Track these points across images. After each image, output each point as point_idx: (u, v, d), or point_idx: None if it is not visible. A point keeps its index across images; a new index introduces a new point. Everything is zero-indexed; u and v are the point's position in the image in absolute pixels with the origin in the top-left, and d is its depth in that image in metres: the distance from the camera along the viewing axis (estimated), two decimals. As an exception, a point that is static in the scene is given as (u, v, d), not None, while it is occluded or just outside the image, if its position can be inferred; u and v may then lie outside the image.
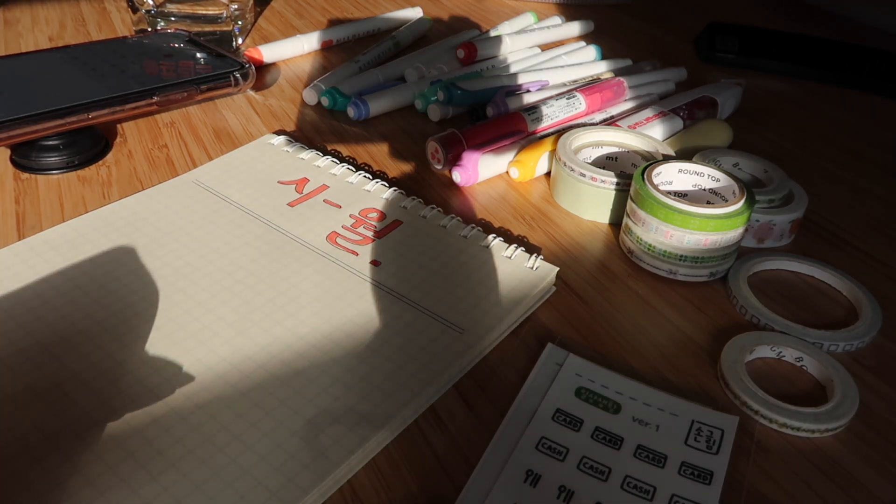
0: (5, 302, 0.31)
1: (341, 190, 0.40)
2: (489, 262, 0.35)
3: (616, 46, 0.63)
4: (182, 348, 0.30)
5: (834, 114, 0.55)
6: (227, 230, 0.36)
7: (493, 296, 0.33)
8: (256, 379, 0.28)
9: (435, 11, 0.69)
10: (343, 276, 0.34)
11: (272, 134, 0.46)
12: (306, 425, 0.27)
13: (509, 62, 0.56)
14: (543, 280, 0.34)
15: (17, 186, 0.40)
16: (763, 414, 0.29)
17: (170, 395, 0.27)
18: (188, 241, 0.35)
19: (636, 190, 0.36)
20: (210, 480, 0.25)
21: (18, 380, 0.28)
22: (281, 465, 0.25)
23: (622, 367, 0.31)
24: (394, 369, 0.29)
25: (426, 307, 0.32)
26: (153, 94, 0.45)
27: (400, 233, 0.37)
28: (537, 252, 0.37)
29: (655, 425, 0.28)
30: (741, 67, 0.61)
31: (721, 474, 0.26)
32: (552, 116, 0.46)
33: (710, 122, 0.47)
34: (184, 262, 0.34)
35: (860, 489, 0.27)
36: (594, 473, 0.26)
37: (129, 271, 0.33)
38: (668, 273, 0.36)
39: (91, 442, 0.26)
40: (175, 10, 0.57)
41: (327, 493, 0.25)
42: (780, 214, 0.38)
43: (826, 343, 0.32)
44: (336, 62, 0.57)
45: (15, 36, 0.58)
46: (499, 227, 0.39)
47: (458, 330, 0.31)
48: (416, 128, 0.49)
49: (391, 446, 0.27)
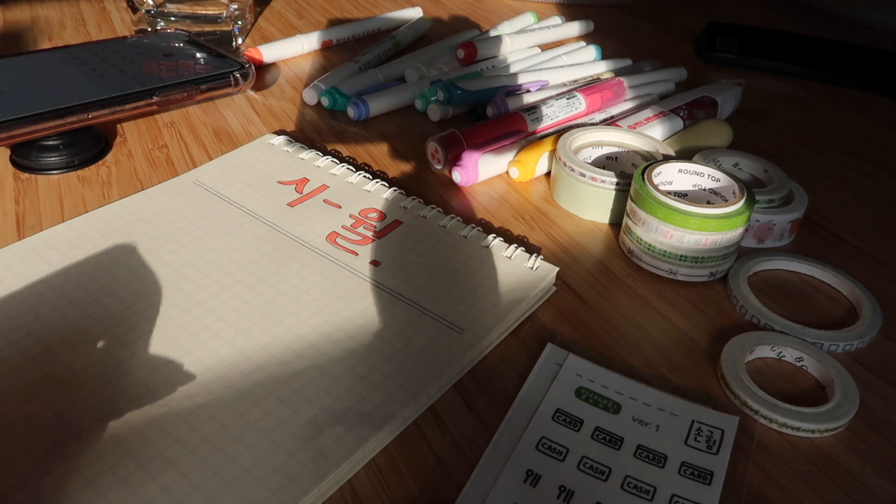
0: (5, 302, 0.31)
1: (341, 190, 0.40)
2: (489, 262, 0.35)
3: (616, 46, 0.63)
4: (182, 348, 0.30)
5: (834, 114, 0.55)
6: (227, 230, 0.36)
7: (492, 296, 0.33)
8: (256, 379, 0.28)
9: (435, 11, 0.69)
10: (343, 276, 0.34)
11: (272, 134, 0.46)
12: (306, 425, 0.27)
13: (509, 62, 0.56)
14: (543, 280, 0.34)
15: (17, 186, 0.40)
16: (763, 414, 0.29)
17: (170, 395, 0.27)
18: (188, 241, 0.35)
19: (636, 190, 0.36)
20: (210, 480, 0.25)
21: (18, 380, 0.28)
22: (281, 465, 0.25)
23: (622, 367, 0.31)
24: (394, 369, 0.29)
25: (426, 307, 0.32)
26: (153, 94, 0.45)
27: (400, 233, 0.37)
28: (537, 252, 0.37)
29: (655, 425, 0.28)
30: (741, 67, 0.61)
31: (721, 474, 0.26)
32: (552, 116, 0.46)
33: (710, 122, 0.47)
34: (184, 262, 0.34)
35: (860, 489, 0.27)
36: (594, 473, 0.26)
37: (129, 271, 0.33)
38: (668, 273, 0.36)
39: (91, 442, 0.26)
40: (175, 10, 0.57)
41: (327, 494, 0.25)
42: (780, 214, 0.38)
43: (826, 343, 0.32)
44: (336, 62, 0.57)
45: (15, 36, 0.58)
46: (499, 227, 0.39)
47: (458, 330, 0.31)
48: (416, 128, 0.49)
49: (391, 446, 0.27)
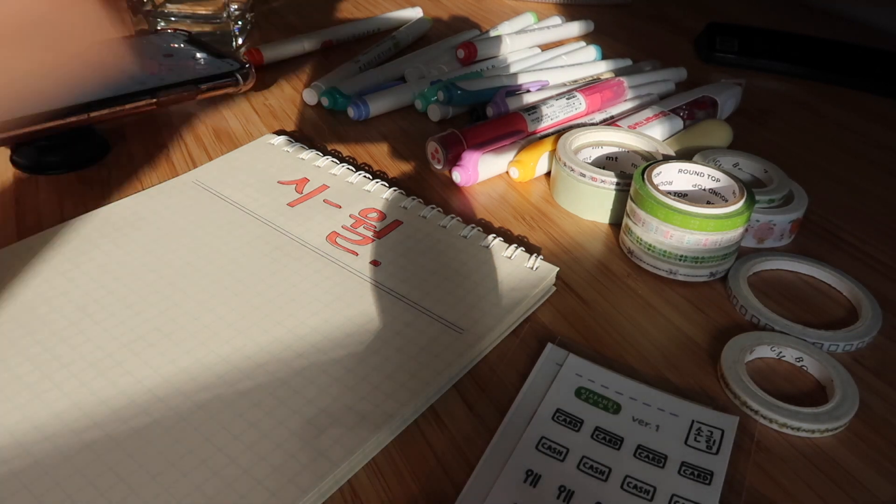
0: (6, 302, 0.31)
1: (341, 190, 0.40)
2: (489, 262, 0.35)
3: (616, 46, 0.63)
4: (182, 348, 0.30)
5: (834, 114, 0.55)
6: (227, 230, 0.36)
7: (492, 296, 0.33)
8: (256, 379, 0.28)
9: (435, 11, 0.69)
10: (343, 276, 0.34)
11: (272, 134, 0.46)
12: (306, 425, 0.27)
13: (509, 62, 0.56)
14: (543, 280, 0.34)
15: (17, 186, 0.40)
16: (763, 414, 0.29)
17: (170, 395, 0.27)
18: (188, 241, 0.35)
19: (636, 190, 0.36)
20: (210, 480, 0.25)
21: (17, 380, 0.28)
22: (281, 464, 0.25)
23: (622, 367, 0.31)
24: (394, 369, 0.29)
25: (426, 307, 0.32)
26: (153, 94, 0.45)
27: (400, 233, 0.37)
28: (537, 252, 0.37)
29: (655, 425, 0.28)
30: (741, 67, 0.61)
31: (721, 474, 0.26)
32: (552, 116, 0.46)
33: (710, 122, 0.47)
34: (184, 262, 0.34)
35: (860, 489, 0.27)
36: (594, 473, 0.26)
37: (129, 271, 0.33)
38: (668, 273, 0.36)
39: (90, 442, 0.26)
40: (175, 10, 0.57)
41: (327, 494, 0.25)
42: (780, 214, 0.38)
43: (826, 343, 0.32)
44: (336, 62, 0.57)
45: (15, 36, 0.58)
46: (499, 227, 0.39)
47: (458, 330, 0.31)
48: (416, 128, 0.49)
49: (391, 446, 0.27)
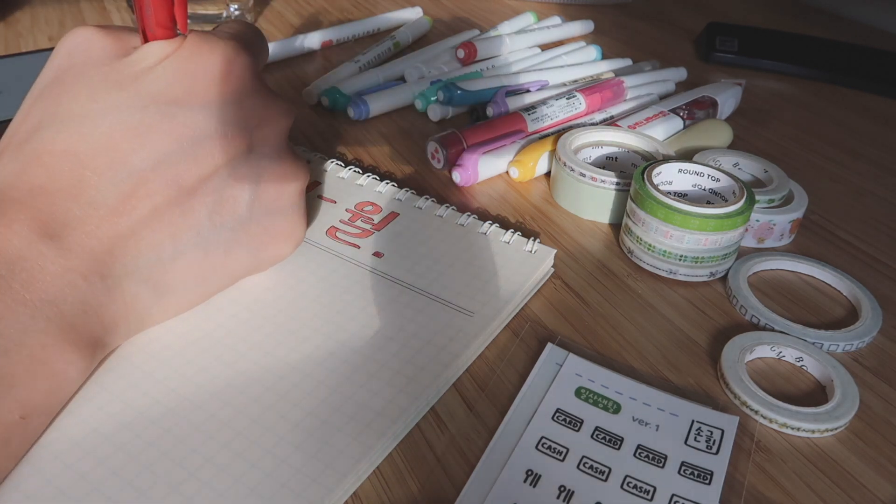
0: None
1: (333, 185, 0.40)
2: (488, 247, 0.36)
3: (616, 46, 0.63)
4: (183, 357, 0.29)
5: (834, 114, 0.55)
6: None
7: (497, 279, 0.34)
8: (257, 380, 0.28)
9: (435, 11, 0.69)
10: (348, 268, 0.34)
11: (272, 134, 0.46)
12: (311, 434, 0.26)
13: (509, 62, 0.56)
14: (543, 261, 0.35)
15: (17, 186, 0.40)
16: (763, 414, 0.29)
17: (169, 408, 0.27)
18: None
19: (636, 190, 0.36)
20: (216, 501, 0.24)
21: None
22: (287, 480, 0.24)
23: (622, 367, 0.31)
24: (412, 353, 0.29)
25: (435, 294, 0.33)
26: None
27: (398, 224, 0.37)
28: (535, 236, 0.38)
29: (655, 425, 0.28)
30: (741, 67, 0.61)
31: (721, 474, 0.26)
32: (552, 116, 0.46)
33: (710, 122, 0.47)
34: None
35: (860, 489, 0.27)
36: (594, 473, 0.26)
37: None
38: (668, 273, 0.36)
39: (89, 446, 0.25)
40: (175, 10, 0.57)
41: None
42: (780, 214, 0.38)
43: (826, 343, 0.32)
44: (336, 62, 0.57)
45: (15, 36, 0.58)
46: (496, 215, 0.39)
47: (469, 313, 0.32)
48: (416, 128, 0.49)
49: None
